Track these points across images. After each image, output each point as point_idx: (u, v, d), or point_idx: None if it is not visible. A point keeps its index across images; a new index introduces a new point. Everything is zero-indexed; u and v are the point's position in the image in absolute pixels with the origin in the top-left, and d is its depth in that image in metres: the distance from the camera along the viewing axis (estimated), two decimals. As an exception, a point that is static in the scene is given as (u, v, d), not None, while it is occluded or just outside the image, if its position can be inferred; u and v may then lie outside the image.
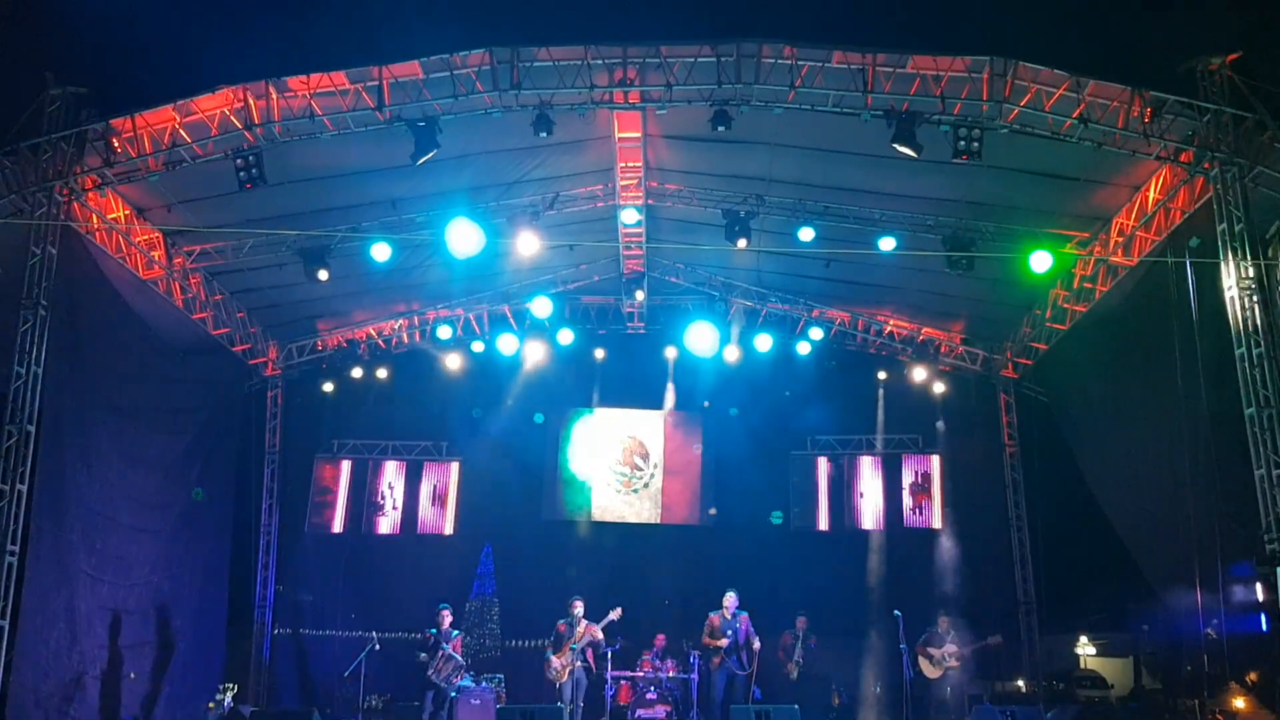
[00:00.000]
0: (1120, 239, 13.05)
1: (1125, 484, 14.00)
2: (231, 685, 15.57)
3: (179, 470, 14.57)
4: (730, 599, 13.20)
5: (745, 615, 13.17)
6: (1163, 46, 11.45)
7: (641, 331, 17.96)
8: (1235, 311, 10.56)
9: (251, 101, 11.32)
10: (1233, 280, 10.61)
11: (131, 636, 13.20)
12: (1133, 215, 12.75)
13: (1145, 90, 10.88)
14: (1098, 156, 11.61)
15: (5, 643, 10.26)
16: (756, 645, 12.95)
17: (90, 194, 11.86)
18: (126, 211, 12.76)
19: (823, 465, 18.27)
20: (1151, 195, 12.34)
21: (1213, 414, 11.20)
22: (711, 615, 13.29)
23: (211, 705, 14.80)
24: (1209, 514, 11.41)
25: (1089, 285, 14.04)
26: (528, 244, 13.80)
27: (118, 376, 12.96)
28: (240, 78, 11.23)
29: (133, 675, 13.29)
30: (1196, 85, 10.75)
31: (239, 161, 11.40)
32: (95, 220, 12.20)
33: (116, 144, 11.43)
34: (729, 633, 13.03)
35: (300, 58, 11.46)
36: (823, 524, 18.01)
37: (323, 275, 13.67)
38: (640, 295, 16.98)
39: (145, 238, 13.24)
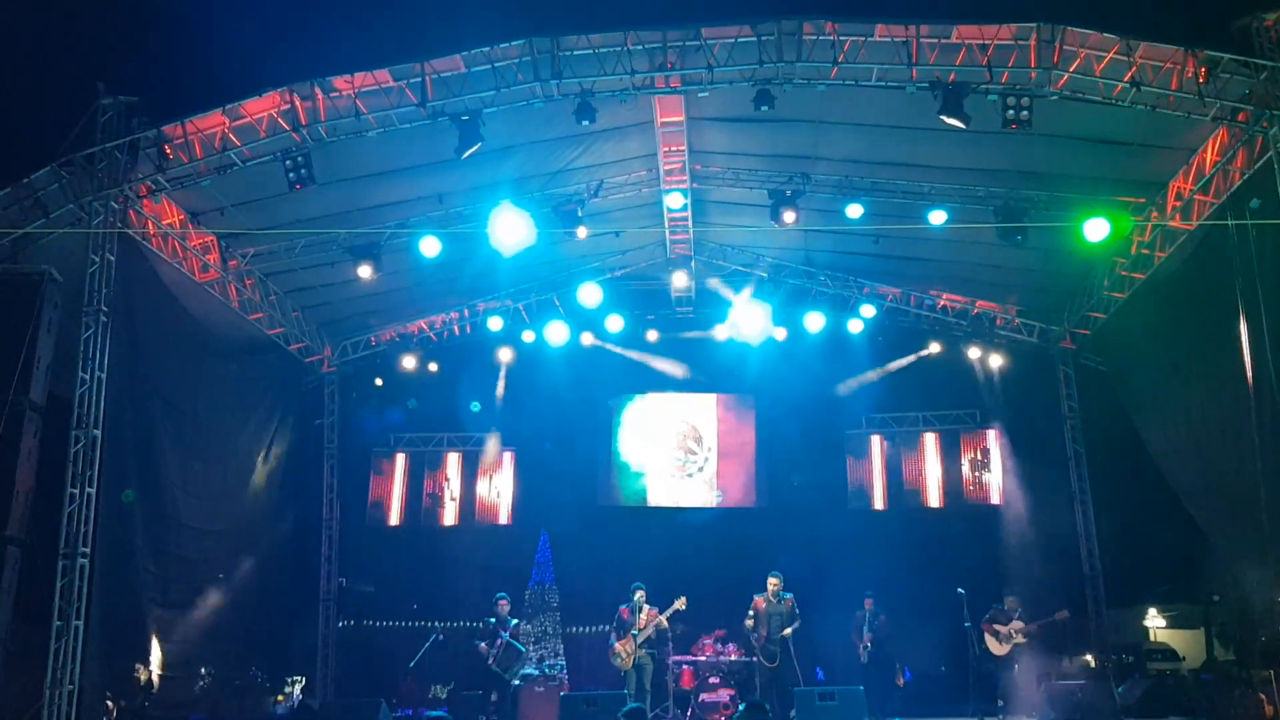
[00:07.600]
0: (1178, 203, 12.76)
1: (1190, 452, 13.72)
2: (299, 678, 15.85)
3: (239, 469, 14.80)
4: (772, 581, 13.06)
5: (789, 597, 13.04)
6: (1214, 4, 11.20)
7: (690, 315, 17.92)
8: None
9: (298, 103, 11.45)
10: (1297, 240, 10.35)
11: (197, 632, 13.47)
12: (1190, 178, 12.47)
13: (1198, 50, 10.60)
14: (1152, 120, 11.34)
15: (80, 642, 10.51)
16: (787, 631, 12.81)
17: (145, 201, 12.07)
18: (181, 216, 12.97)
19: (878, 443, 18.13)
20: (1209, 157, 12.05)
21: (1279, 377, 10.93)
22: (756, 598, 13.19)
23: (280, 698, 15.07)
24: (1277, 479, 11.16)
25: (1147, 252, 13.75)
26: (574, 232, 13.80)
27: (177, 378, 13.22)
28: (286, 79, 11.39)
29: (203, 671, 13.57)
30: (1251, 42, 10.45)
31: (288, 163, 11.56)
32: (151, 226, 12.41)
33: (169, 150, 11.65)
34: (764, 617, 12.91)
35: (344, 57, 11.62)
36: (879, 503, 17.88)
37: (365, 272, 13.69)
38: (688, 279, 16.95)
39: (200, 241, 13.45)
